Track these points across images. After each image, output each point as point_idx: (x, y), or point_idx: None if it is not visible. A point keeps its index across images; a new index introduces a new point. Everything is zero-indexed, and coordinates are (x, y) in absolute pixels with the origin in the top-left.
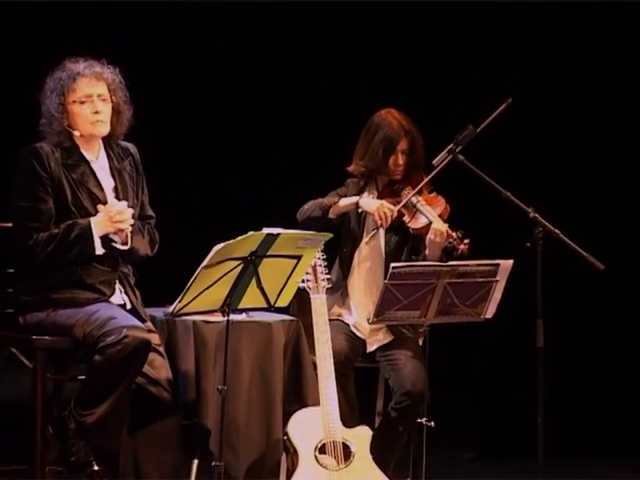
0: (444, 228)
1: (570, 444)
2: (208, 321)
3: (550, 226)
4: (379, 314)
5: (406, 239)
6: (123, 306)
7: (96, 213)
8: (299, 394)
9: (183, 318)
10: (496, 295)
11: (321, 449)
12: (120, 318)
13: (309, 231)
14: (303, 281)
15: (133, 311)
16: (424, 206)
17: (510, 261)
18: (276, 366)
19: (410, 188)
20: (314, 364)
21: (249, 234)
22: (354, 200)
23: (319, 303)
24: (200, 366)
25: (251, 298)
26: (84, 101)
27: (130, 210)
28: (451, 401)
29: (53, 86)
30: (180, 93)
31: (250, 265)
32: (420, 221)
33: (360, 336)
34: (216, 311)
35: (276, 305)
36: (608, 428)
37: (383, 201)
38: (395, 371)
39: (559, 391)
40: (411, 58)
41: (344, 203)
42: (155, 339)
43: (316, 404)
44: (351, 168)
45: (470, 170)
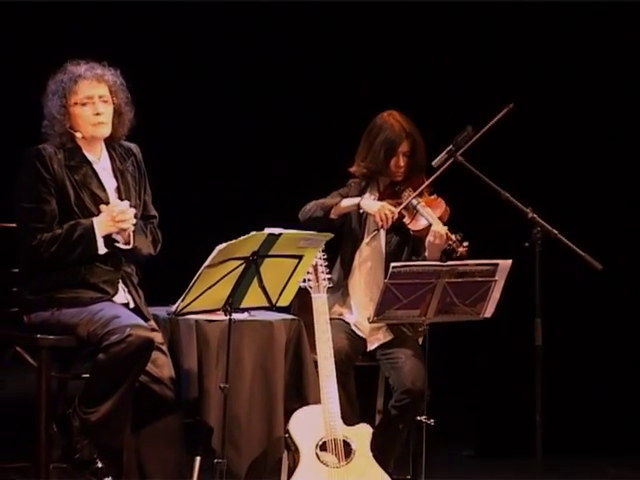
0: (444, 230)
1: (569, 442)
2: (210, 320)
3: (548, 226)
4: (379, 313)
5: (406, 240)
6: (126, 305)
7: (99, 213)
8: (300, 392)
9: (186, 317)
10: (495, 294)
11: (322, 446)
12: (124, 317)
13: (310, 231)
14: (304, 280)
15: (136, 310)
16: (424, 208)
17: (509, 261)
18: (278, 364)
19: (411, 190)
20: (315, 363)
21: (251, 234)
22: (356, 201)
23: (320, 302)
24: (202, 364)
25: (253, 297)
26: (85, 103)
27: (132, 210)
28: (450, 399)
29: (55, 88)
30: (181, 93)
31: (252, 265)
32: (420, 223)
33: (361, 335)
34: (218, 310)
35: (278, 304)
36: (607, 426)
37: (384, 203)
38: (395, 369)
39: (557, 389)
40: (412, 59)
41: (346, 204)
42: (158, 338)
43: (317, 402)
44: (353, 169)
45: (469, 171)
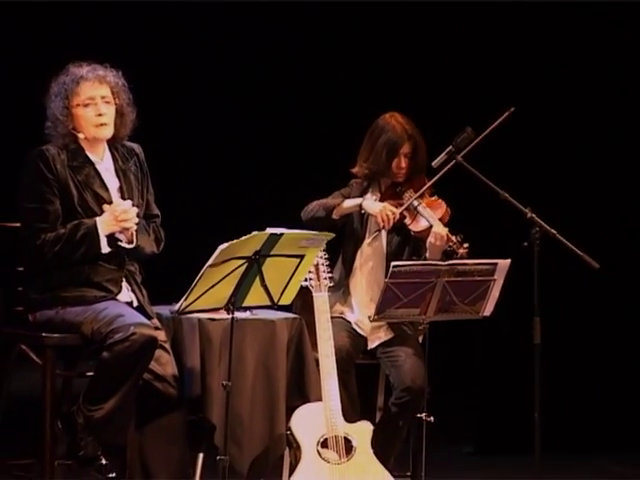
0: (444, 232)
1: (569, 439)
2: (213, 319)
3: (547, 226)
4: (380, 312)
5: (407, 240)
6: (130, 304)
7: (102, 213)
8: (302, 390)
9: (189, 316)
10: (494, 293)
11: (323, 443)
12: (127, 316)
13: (312, 231)
14: (306, 280)
15: (140, 308)
16: (425, 209)
17: (507, 260)
18: (279, 362)
19: (412, 191)
20: (316, 361)
21: (253, 234)
22: (358, 202)
23: (321, 301)
24: (205, 362)
25: (255, 296)
26: (88, 104)
27: (135, 209)
28: (450, 397)
29: (57, 90)
30: (181, 94)
31: (254, 264)
32: (421, 224)
33: (361, 333)
34: (221, 309)
35: (279, 303)
36: (605, 423)
37: (386, 204)
38: (395, 367)
39: (556, 386)
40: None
41: (348, 204)
42: (161, 336)
43: (318, 400)
44: (355, 170)
45: (468, 171)
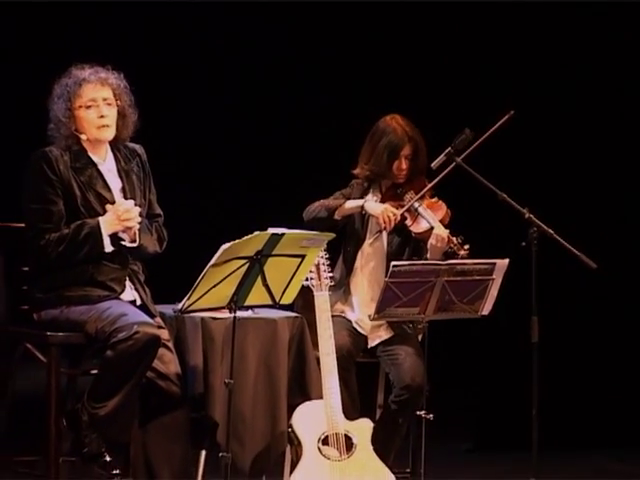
0: (445, 234)
1: (568, 436)
2: (216, 317)
3: (544, 226)
4: (380, 311)
5: (408, 241)
6: (133, 302)
7: (104, 213)
8: (303, 388)
9: (192, 314)
10: (492, 293)
11: (324, 441)
12: (131, 315)
13: (313, 231)
14: (307, 279)
15: (143, 307)
16: (426, 211)
17: (506, 260)
18: (281, 361)
19: (412, 192)
20: (317, 359)
21: (255, 234)
22: (359, 203)
23: (322, 300)
24: (208, 361)
25: (257, 295)
26: (90, 105)
27: (137, 208)
28: (449, 394)
29: (60, 92)
30: (182, 94)
31: (256, 264)
32: (422, 225)
33: (362, 332)
34: (223, 308)
35: (281, 302)
36: (603, 420)
37: (387, 205)
38: (395, 366)
39: (554, 384)
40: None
41: (350, 205)
42: (164, 335)
43: (319, 397)
44: (356, 171)
45: (467, 172)
